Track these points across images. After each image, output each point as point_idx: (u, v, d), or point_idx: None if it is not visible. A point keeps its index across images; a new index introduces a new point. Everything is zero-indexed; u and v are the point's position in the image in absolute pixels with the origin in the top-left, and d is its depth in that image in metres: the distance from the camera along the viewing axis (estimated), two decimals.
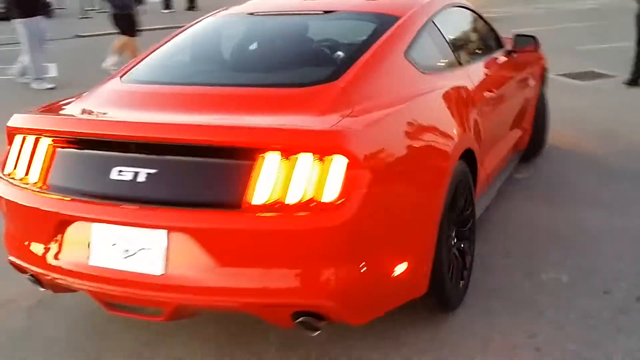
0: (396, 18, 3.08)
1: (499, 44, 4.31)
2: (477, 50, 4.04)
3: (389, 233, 2.32)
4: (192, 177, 2.24)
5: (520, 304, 3.04)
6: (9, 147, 2.66)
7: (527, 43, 4.35)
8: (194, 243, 2.18)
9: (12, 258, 2.67)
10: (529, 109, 4.62)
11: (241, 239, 2.16)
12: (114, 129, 2.43)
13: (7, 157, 2.65)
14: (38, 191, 2.48)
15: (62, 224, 2.41)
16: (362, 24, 3.20)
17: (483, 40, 4.22)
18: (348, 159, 2.09)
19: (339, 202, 2.07)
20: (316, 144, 2.13)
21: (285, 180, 2.11)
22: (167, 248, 2.22)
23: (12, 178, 2.60)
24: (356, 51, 2.81)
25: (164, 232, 2.22)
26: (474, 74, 3.50)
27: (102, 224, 2.32)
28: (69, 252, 2.42)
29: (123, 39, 9.89)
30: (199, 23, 3.62)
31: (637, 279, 3.24)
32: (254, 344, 2.76)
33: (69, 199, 2.40)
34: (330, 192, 2.08)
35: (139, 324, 2.89)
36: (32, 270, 2.55)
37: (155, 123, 2.42)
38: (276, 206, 2.10)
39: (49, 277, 2.51)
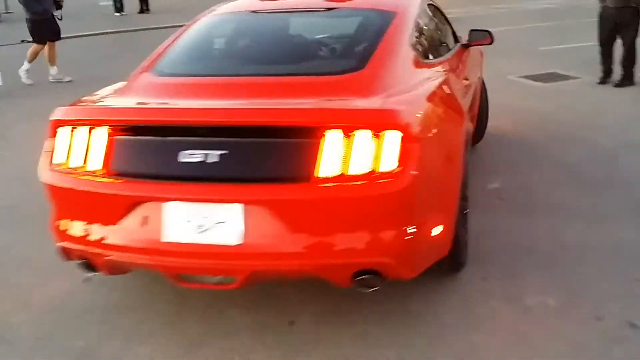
0: (393, 14, 3.41)
1: (457, 38, 4.66)
2: (447, 43, 4.31)
3: (431, 199, 2.60)
4: (263, 155, 2.47)
5: (504, 336, 2.77)
6: (52, 139, 2.74)
7: (483, 37, 4.62)
8: (269, 214, 2.42)
9: (65, 244, 2.76)
10: (477, 98, 4.85)
11: (311, 208, 2.41)
12: (184, 115, 2.63)
13: (54, 148, 2.74)
14: (102, 177, 2.60)
15: (130, 205, 2.55)
16: (364, 20, 3.56)
17: (449, 34, 4.56)
18: (402, 133, 2.37)
19: (396, 171, 2.35)
20: (373, 121, 2.41)
21: (347, 154, 2.36)
22: (244, 220, 2.43)
23: (65, 167, 2.69)
24: (371, 43, 3.13)
25: (239, 205, 2.43)
26: (451, 64, 3.83)
27: (175, 202, 2.49)
28: (139, 232, 2.57)
29: (35, 45, 9.38)
30: (206, 20, 3.83)
31: (627, 301, 3.02)
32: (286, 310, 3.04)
33: (137, 181, 2.56)
34: (388, 163, 2.36)
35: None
36: (93, 253, 2.67)
37: (226, 108, 2.64)
38: (341, 177, 2.36)
39: (109, 258, 2.65)
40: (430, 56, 3.59)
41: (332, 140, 2.38)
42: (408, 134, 2.40)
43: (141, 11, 19.13)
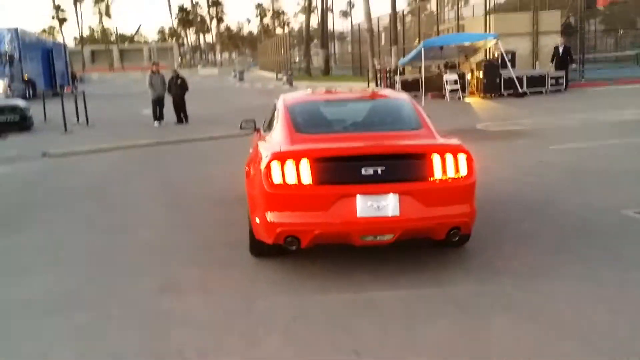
0: (407, 99, 6.55)
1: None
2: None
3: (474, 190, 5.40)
4: (403, 168, 5.16)
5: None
6: (278, 167, 5.12)
7: None
8: (412, 198, 5.06)
9: (279, 229, 5.12)
10: None
11: (431, 194, 5.11)
12: (362, 151, 5.26)
13: (270, 174, 5.16)
14: (317, 187, 5.06)
15: (342, 199, 5.02)
16: (396, 103, 6.61)
17: None
18: (466, 155, 5.22)
19: (468, 172, 5.22)
20: (454, 150, 5.23)
21: (445, 165, 5.12)
22: (398, 202, 5.02)
23: (287, 186, 5.10)
24: (415, 115, 6.00)
25: (395, 195, 5.03)
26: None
27: (362, 195, 5.01)
28: (344, 214, 5.02)
29: None
30: (299, 105, 6.43)
31: None
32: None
33: (341, 186, 5.07)
34: (462, 170, 5.18)
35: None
36: (304, 231, 5.09)
37: (380, 145, 5.43)
38: (442, 178, 5.12)
39: (320, 234, 5.08)
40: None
41: (435, 159, 5.14)
42: (469, 156, 5.26)
43: (179, 121, 19.03)
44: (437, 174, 5.12)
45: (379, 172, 5.03)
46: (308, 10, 53.69)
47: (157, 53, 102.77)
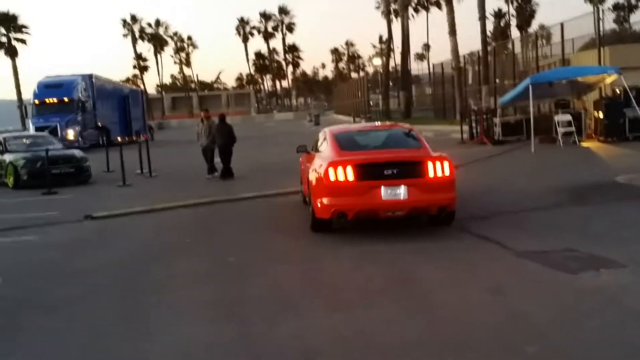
0: (410, 129, 10.07)
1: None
2: None
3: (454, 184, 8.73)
4: (410, 169, 8.38)
5: None
6: (333, 170, 8.29)
7: None
8: (415, 188, 8.25)
9: (335, 209, 8.29)
10: None
11: (427, 185, 8.35)
12: (383, 159, 8.61)
13: (328, 174, 8.30)
14: (358, 182, 8.20)
15: (372, 189, 8.18)
16: (403, 132, 10.04)
17: None
18: (448, 162, 8.48)
19: (450, 173, 8.44)
20: (440, 159, 8.45)
21: (435, 168, 8.36)
22: (406, 191, 8.18)
23: (339, 182, 8.23)
24: (419, 139, 9.38)
25: (404, 186, 8.19)
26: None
27: (385, 186, 8.16)
28: (374, 198, 8.18)
29: None
30: (343, 133, 9.95)
31: None
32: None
33: (374, 181, 8.20)
34: (447, 171, 8.41)
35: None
36: (350, 210, 8.28)
37: (396, 154, 8.83)
38: (435, 176, 8.36)
39: (360, 210, 8.34)
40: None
41: (430, 165, 8.37)
42: (450, 163, 8.48)
43: (222, 175, 16.65)
44: (430, 174, 8.36)
45: (395, 172, 8.26)
46: (388, 51, 51.55)
47: (234, 99, 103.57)
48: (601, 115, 18.76)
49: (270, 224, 10.12)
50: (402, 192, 8.12)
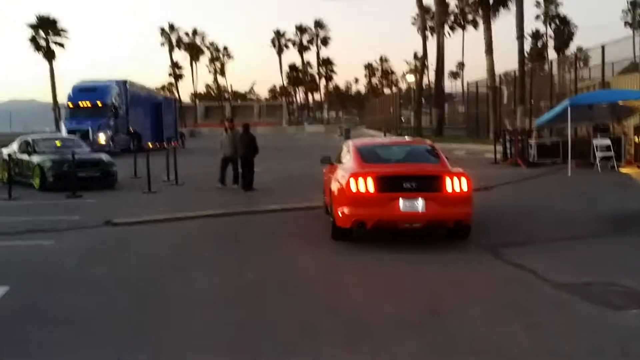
0: (430, 144, 10.61)
1: None
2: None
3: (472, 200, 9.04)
4: (428, 183, 8.70)
5: None
6: (354, 181, 8.66)
7: None
8: (432, 202, 8.52)
9: (354, 218, 8.62)
10: None
11: (444, 200, 8.61)
12: (404, 173, 8.94)
13: (349, 185, 8.68)
14: (378, 193, 8.62)
15: (392, 200, 8.47)
16: (423, 147, 10.83)
17: None
18: (466, 179, 8.73)
19: (467, 188, 8.70)
20: (458, 175, 8.75)
21: (453, 184, 8.63)
22: (424, 204, 8.46)
23: (360, 193, 8.59)
24: (436, 154, 9.73)
25: (422, 200, 8.47)
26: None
27: (404, 198, 8.45)
28: (392, 209, 8.46)
29: None
30: (367, 146, 10.48)
31: None
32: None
33: (393, 193, 8.53)
34: (465, 186, 8.68)
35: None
36: (369, 219, 8.61)
37: (414, 169, 9.18)
38: (453, 191, 8.63)
39: (378, 221, 8.61)
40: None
41: (448, 179, 8.66)
42: (468, 179, 8.72)
43: (243, 187, 16.09)
44: (448, 189, 8.65)
45: (413, 185, 8.59)
46: (422, 67, 51.04)
47: (266, 110, 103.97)
48: None
49: (293, 239, 9.75)
50: (420, 205, 8.46)
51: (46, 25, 59.61)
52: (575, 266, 7.68)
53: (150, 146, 35.71)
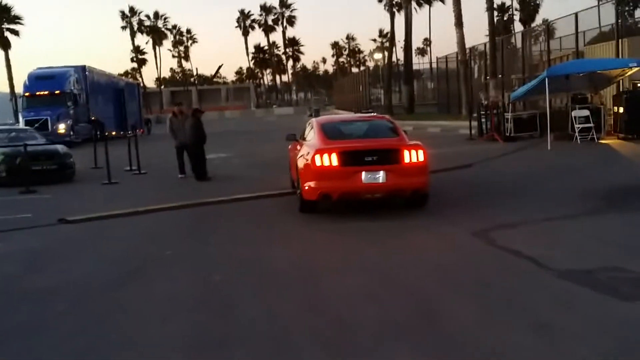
0: (389, 119, 11.61)
1: None
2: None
3: (428, 169, 9.62)
4: (387, 156, 9.26)
5: None
6: (319, 156, 9.15)
7: None
8: (392, 173, 9.09)
9: (321, 190, 9.18)
10: None
11: (402, 171, 9.18)
12: (365, 147, 9.47)
13: (314, 160, 9.19)
14: (341, 167, 9.07)
15: (354, 173, 9.03)
16: (383, 122, 11.25)
17: None
18: (423, 150, 9.34)
19: (423, 159, 9.30)
20: (415, 147, 9.35)
21: (410, 155, 9.22)
22: (385, 175, 9.04)
23: (324, 167, 9.09)
24: (393, 128, 10.43)
25: (383, 171, 9.05)
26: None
27: (365, 171, 9.02)
28: (355, 182, 9.05)
29: None
30: (327, 123, 11.18)
31: None
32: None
33: (355, 167, 9.04)
34: (422, 157, 9.28)
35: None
36: (334, 192, 9.19)
37: (376, 143, 9.73)
38: (410, 162, 9.20)
39: (343, 192, 9.25)
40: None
41: (406, 153, 9.23)
42: (424, 151, 9.34)
43: (197, 177, 15.01)
44: (406, 160, 9.21)
45: (374, 159, 9.14)
46: (390, 44, 50.33)
47: (233, 93, 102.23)
48: (621, 110, 17.55)
49: (264, 232, 8.94)
50: (380, 176, 9.04)
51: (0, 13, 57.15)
52: (576, 249, 7.02)
53: (114, 134, 34.44)
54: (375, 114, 17.33)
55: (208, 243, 8.36)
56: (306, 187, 9.32)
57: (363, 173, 8.97)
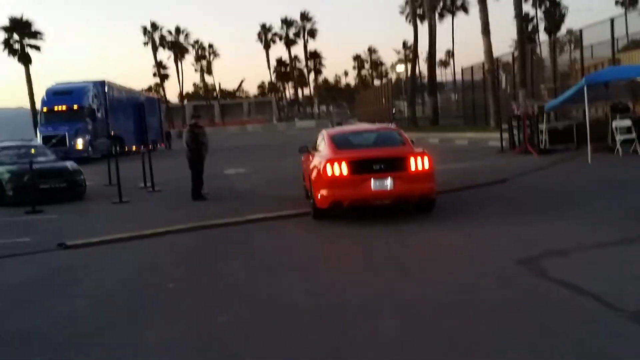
0: (396, 130, 12.15)
1: None
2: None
3: (434, 176, 10.01)
4: (394, 164, 9.69)
5: None
6: (330, 166, 9.59)
7: None
8: (398, 180, 9.51)
9: (333, 199, 9.60)
10: None
11: (409, 177, 9.62)
12: (373, 157, 9.90)
13: (326, 169, 9.62)
14: (351, 176, 9.54)
15: (364, 181, 9.48)
16: (390, 132, 11.74)
17: None
18: (428, 158, 9.76)
19: (429, 166, 9.71)
20: (421, 155, 9.79)
21: (416, 163, 9.67)
22: (392, 182, 9.48)
23: (335, 176, 9.54)
24: (400, 137, 10.88)
25: (390, 178, 9.49)
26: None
27: (374, 178, 9.46)
28: (365, 189, 9.51)
29: None
30: (339, 134, 11.38)
31: None
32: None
33: (365, 174, 9.50)
34: (427, 165, 9.70)
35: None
36: (345, 199, 9.65)
37: (383, 152, 10.20)
38: (416, 170, 9.64)
39: (353, 200, 9.73)
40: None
41: (412, 160, 9.69)
42: (430, 158, 9.76)
43: (194, 196, 14.11)
44: (412, 167, 9.60)
45: (382, 167, 9.55)
46: (414, 55, 49.20)
47: (255, 107, 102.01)
48: None
49: (279, 259, 7.99)
50: (388, 183, 9.48)
51: (20, 28, 57.17)
52: None
53: (134, 149, 33.88)
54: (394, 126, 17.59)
55: (217, 273, 7.42)
56: (319, 196, 9.75)
57: (372, 180, 9.44)
